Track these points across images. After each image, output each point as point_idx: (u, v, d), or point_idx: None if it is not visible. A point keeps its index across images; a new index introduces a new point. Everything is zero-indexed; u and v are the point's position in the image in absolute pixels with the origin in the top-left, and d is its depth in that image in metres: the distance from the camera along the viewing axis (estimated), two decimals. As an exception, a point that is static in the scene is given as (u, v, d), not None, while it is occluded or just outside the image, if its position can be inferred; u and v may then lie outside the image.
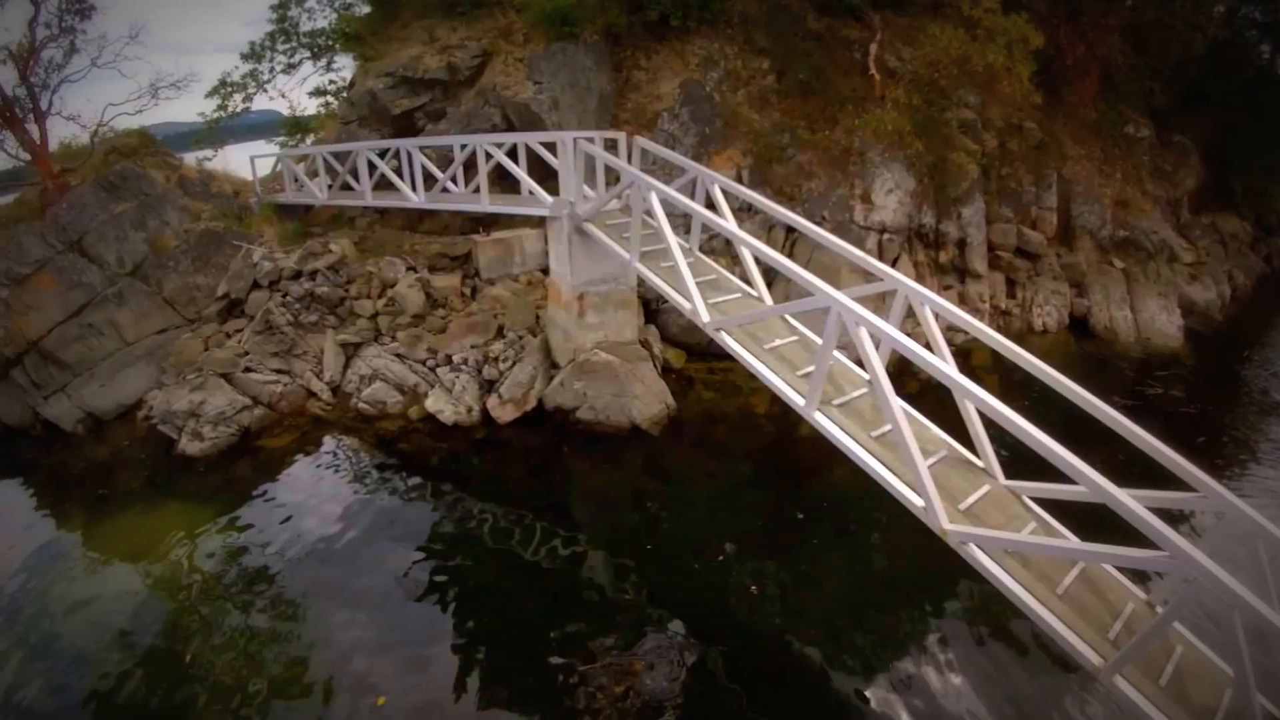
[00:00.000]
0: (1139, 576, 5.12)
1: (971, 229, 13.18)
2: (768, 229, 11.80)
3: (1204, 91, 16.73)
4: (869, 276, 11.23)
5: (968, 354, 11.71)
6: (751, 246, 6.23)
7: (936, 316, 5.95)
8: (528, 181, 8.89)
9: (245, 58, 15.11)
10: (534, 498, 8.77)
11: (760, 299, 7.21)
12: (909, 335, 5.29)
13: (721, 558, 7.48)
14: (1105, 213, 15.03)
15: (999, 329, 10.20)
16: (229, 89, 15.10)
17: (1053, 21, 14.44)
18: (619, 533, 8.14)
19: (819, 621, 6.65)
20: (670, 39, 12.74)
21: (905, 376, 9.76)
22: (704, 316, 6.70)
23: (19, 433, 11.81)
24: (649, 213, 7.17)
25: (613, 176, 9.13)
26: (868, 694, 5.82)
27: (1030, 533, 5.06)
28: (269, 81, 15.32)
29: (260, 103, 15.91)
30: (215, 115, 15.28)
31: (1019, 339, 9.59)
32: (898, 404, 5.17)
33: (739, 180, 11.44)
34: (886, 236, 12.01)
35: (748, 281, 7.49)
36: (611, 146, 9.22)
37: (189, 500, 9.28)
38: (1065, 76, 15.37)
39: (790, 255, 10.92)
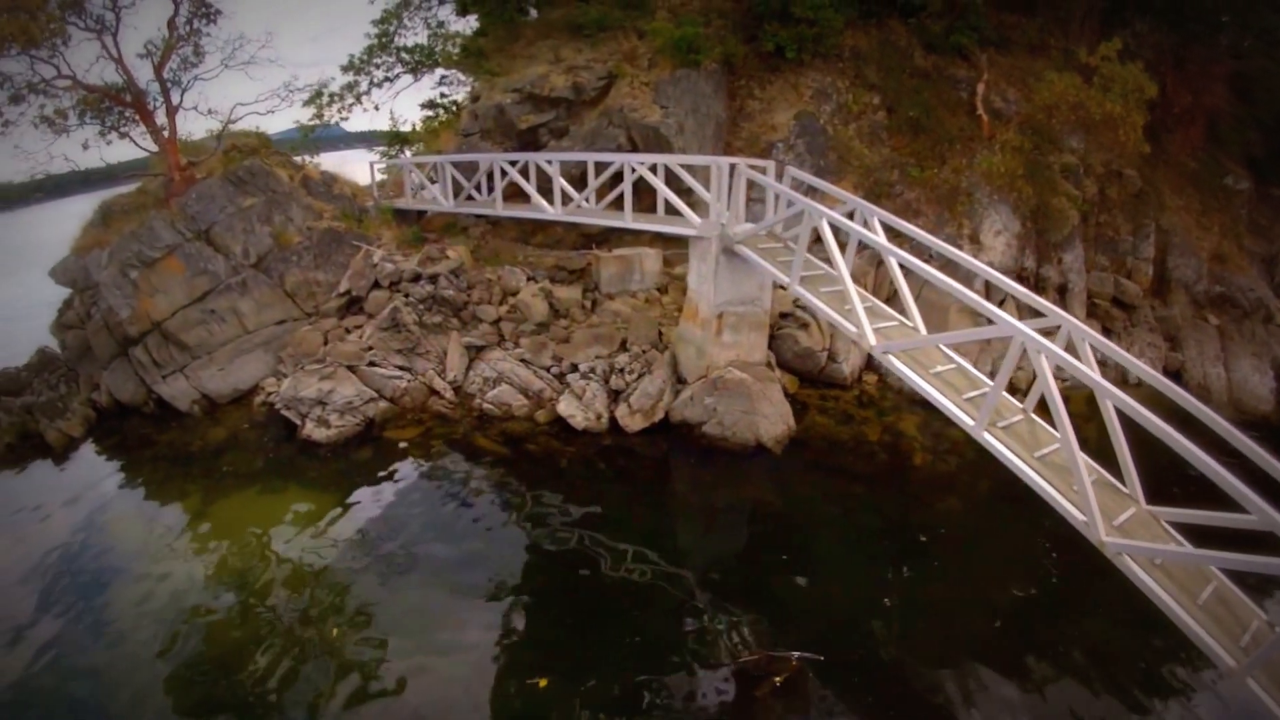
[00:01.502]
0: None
1: (1072, 275, 14.21)
2: (876, 264, 12.85)
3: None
4: (975, 318, 12.24)
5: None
6: (934, 278, 7.27)
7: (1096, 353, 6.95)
8: (677, 202, 10.01)
9: (345, 69, 16.60)
10: (665, 503, 9.80)
11: (916, 328, 8.22)
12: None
13: (853, 572, 8.40)
14: (1201, 266, 16.00)
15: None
16: (329, 99, 16.54)
17: (1160, 69, 15.59)
18: (754, 541, 9.09)
19: (953, 635, 7.48)
20: (784, 70, 13.99)
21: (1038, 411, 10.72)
22: (870, 340, 7.71)
23: (130, 410, 13.00)
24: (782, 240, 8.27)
25: (752, 198, 10.22)
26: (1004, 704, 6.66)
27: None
28: (365, 94, 16.77)
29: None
30: (311, 124, 16.72)
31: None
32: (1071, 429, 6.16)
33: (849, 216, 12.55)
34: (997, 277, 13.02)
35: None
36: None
37: (309, 484, 10.33)
38: (1167, 125, 16.49)
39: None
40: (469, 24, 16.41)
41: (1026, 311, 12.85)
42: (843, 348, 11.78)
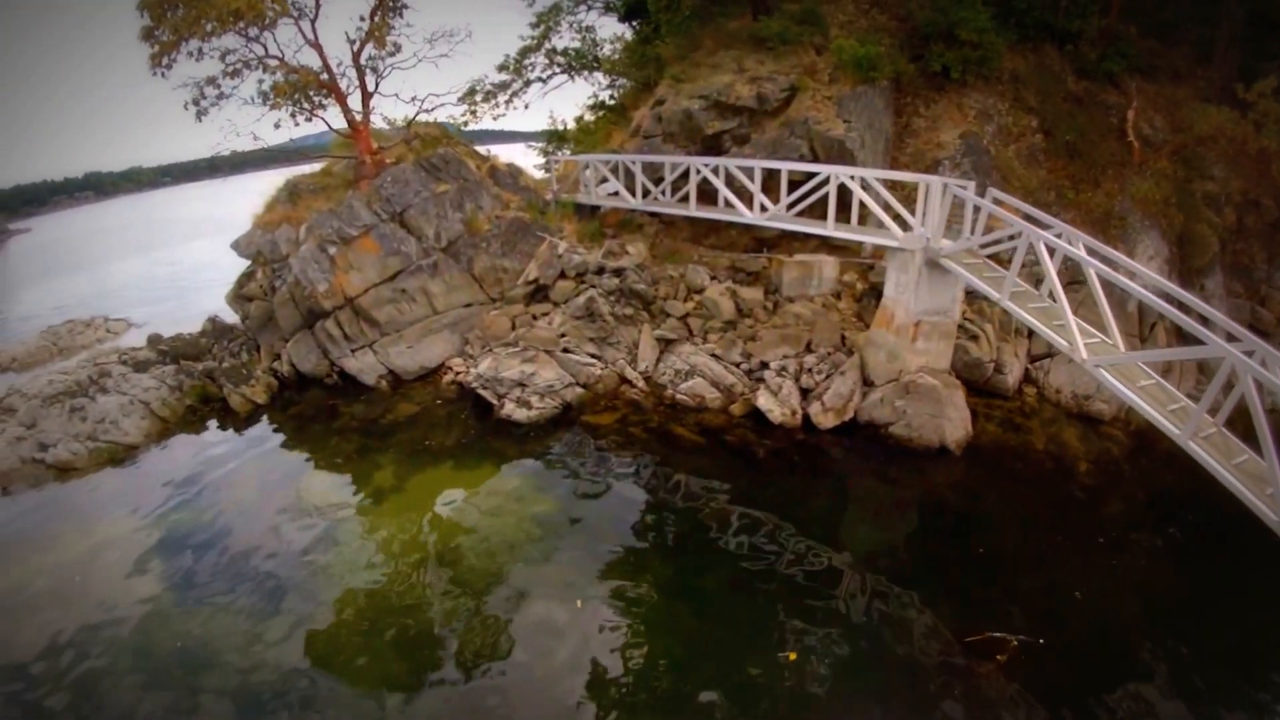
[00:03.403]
0: None
1: (1214, 301, 16.33)
2: (1036, 283, 15.00)
3: None
4: (1129, 339, 14.26)
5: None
6: (1147, 299, 9.44)
7: None
8: (882, 214, 12.16)
9: (501, 69, 19.02)
10: (860, 496, 11.92)
11: (1116, 345, 10.35)
12: None
13: (1040, 566, 10.49)
14: (1333, 299, 18.11)
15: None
16: (483, 96, 18.90)
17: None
18: (946, 534, 11.16)
19: (1145, 626, 9.36)
20: (949, 90, 16.16)
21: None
22: (1083, 354, 9.86)
23: (311, 380, 15.25)
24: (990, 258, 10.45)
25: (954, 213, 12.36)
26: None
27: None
28: (518, 93, 19.18)
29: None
30: (464, 120, 19.11)
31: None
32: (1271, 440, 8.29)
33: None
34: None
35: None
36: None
37: (507, 462, 12.41)
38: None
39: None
40: (617, 28, 18.78)
41: (1175, 336, 14.97)
42: (1007, 360, 13.94)
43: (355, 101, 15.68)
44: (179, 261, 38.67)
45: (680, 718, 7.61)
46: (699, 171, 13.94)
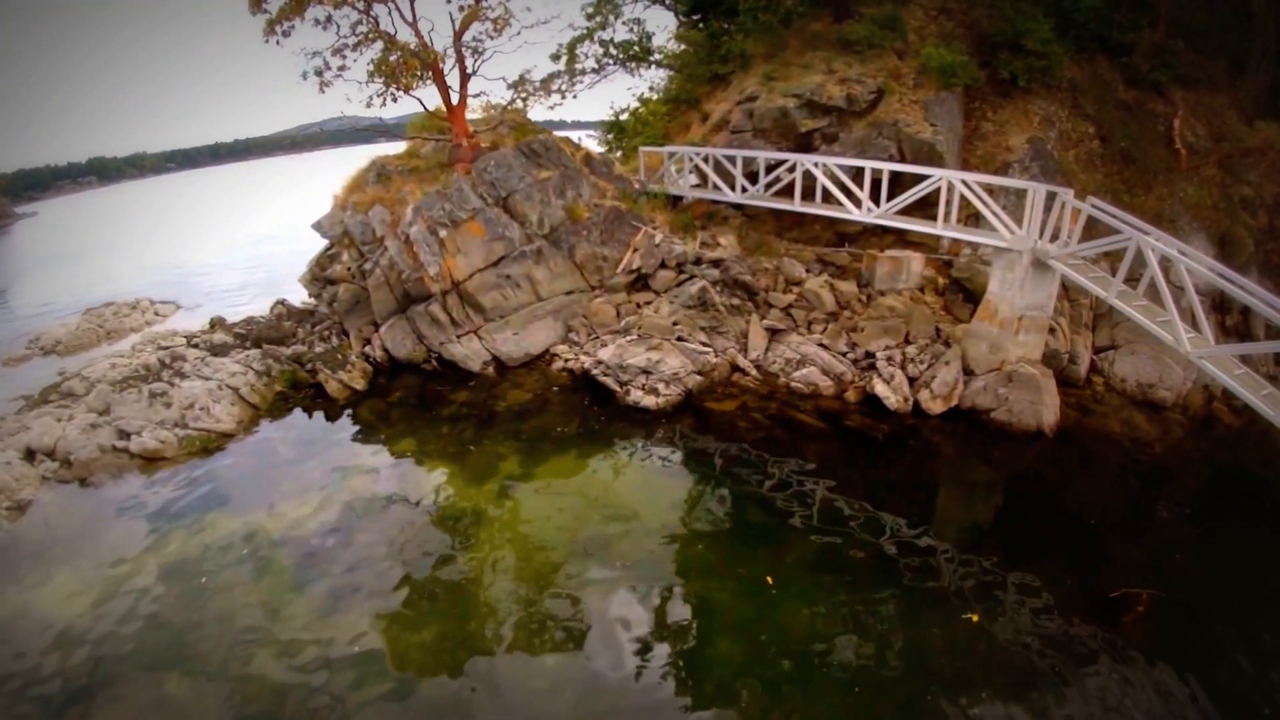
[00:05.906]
0: None
1: (1250, 300, 19.53)
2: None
3: None
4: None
5: None
6: (1241, 297, 12.15)
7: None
8: (990, 216, 14.66)
9: (554, 58, 20.97)
10: (978, 475, 14.25)
11: (1207, 340, 13.07)
12: None
13: (1143, 532, 13.11)
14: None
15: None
16: (533, 88, 20.75)
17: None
18: (1060, 505, 13.50)
19: (1239, 583, 11.65)
20: (1015, 97, 18.86)
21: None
22: (1187, 347, 12.53)
23: (404, 366, 16.79)
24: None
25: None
26: None
27: None
28: (569, 85, 21.15)
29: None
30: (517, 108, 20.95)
31: None
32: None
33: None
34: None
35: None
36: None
37: (633, 447, 14.13)
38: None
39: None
40: (667, 20, 20.98)
41: (1220, 329, 17.97)
42: (1079, 351, 16.69)
43: (451, 81, 17.31)
44: (197, 245, 42.97)
45: (870, 679, 8.89)
46: (803, 168, 16.21)
